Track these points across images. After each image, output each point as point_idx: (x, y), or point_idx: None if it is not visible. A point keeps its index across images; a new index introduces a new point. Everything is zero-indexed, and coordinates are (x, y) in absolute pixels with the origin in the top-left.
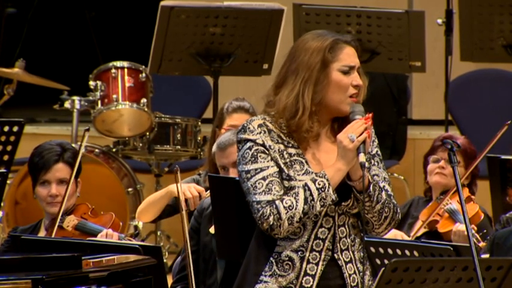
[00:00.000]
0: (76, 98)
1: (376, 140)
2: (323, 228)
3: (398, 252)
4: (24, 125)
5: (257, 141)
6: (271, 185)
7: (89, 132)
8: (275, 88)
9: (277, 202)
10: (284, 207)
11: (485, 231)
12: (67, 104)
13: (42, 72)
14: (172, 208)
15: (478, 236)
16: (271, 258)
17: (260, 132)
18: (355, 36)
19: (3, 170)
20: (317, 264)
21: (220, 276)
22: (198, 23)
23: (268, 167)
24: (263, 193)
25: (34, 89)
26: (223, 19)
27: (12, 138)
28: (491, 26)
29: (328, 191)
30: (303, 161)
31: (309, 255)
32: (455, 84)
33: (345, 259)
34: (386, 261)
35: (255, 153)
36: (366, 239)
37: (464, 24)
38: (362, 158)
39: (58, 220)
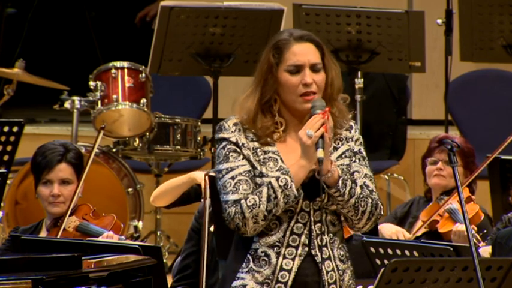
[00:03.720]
0: (76, 98)
1: (361, 139)
2: (299, 224)
3: (398, 252)
4: (24, 125)
5: (231, 139)
6: (238, 184)
7: (103, 130)
8: None
9: (241, 201)
10: (247, 206)
11: (485, 231)
12: (67, 104)
13: (42, 72)
14: (187, 196)
15: (478, 236)
16: (248, 255)
17: (235, 131)
18: (310, 32)
19: (3, 170)
20: (293, 259)
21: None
22: (198, 23)
23: (238, 166)
24: (230, 192)
25: (34, 89)
26: (223, 19)
27: (12, 139)
28: (491, 26)
29: (290, 188)
30: (278, 158)
31: (285, 251)
32: (455, 84)
33: (323, 256)
34: (386, 261)
35: (227, 153)
36: (365, 239)
37: (464, 24)
38: (320, 153)
39: (65, 222)
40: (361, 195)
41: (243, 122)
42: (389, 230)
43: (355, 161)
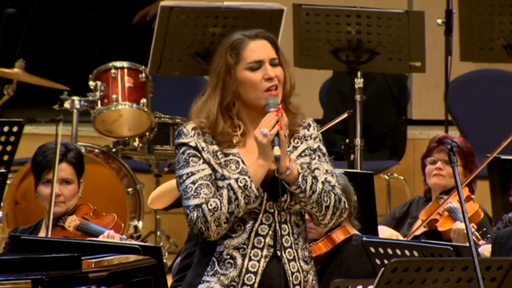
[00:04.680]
0: (76, 98)
1: (320, 136)
2: (263, 225)
3: (398, 252)
4: (24, 125)
5: (190, 143)
6: (199, 189)
7: (62, 123)
8: None
9: (203, 206)
10: (209, 209)
11: (485, 229)
12: (67, 104)
13: (42, 72)
14: None
15: (478, 235)
16: (213, 258)
17: (194, 135)
18: (264, 30)
19: (3, 170)
20: (259, 261)
21: None
22: (197, 23)
23: (198, 170)
24: (191, 197)
25: (34, 89)
26: (223, 19)
27: (12, 139)
28: (491, 26)
29: (250, 187)
30: (239, 160)
31: (251, 252)
32: (455, 84)
33: (288, 257)
34: (386, 261)
35: (187, 158)
36: (365, 239)
37: (464, 24)
38: (276, 151)
39: (51, 220)
40: (324, 191)
41: (201, 126)
42: (383, 234)
43: (314, 158)
